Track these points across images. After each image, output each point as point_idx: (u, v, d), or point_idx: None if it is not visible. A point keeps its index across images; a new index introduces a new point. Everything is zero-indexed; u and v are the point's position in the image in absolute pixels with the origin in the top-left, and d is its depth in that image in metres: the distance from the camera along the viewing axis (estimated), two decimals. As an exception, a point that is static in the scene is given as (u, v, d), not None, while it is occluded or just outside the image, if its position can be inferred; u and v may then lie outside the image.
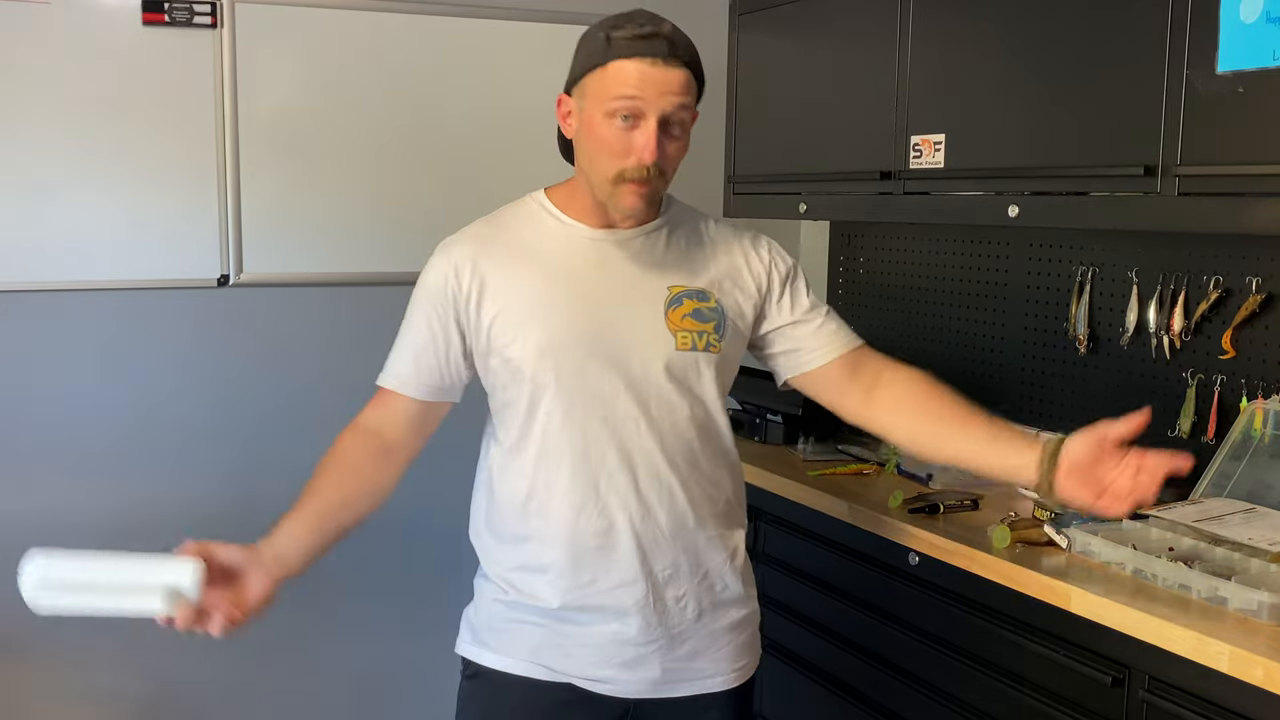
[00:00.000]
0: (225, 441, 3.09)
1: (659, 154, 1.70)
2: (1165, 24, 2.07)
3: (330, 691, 3.25)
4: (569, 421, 1.76)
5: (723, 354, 1.82)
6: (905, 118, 2.65)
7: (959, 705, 2.26)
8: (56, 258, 2.88)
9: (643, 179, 1.71)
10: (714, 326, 1.81)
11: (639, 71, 1.69)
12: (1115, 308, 2.59)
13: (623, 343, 1.77)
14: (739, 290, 1.85)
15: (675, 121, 1.71)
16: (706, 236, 1.89)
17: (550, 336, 1.76)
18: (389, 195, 3.13)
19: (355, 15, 3.08)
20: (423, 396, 1.84)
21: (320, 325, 3.13)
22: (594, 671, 1.81)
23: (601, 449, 1.76)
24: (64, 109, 2.85)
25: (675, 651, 1.82)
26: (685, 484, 1.79)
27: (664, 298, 1.80)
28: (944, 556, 2.26)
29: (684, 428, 1.79)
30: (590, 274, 1.79)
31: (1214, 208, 2.03)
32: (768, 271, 1.88)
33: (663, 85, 1.69)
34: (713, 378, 1.81)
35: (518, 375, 1.77)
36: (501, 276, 1.80)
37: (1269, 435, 2.22)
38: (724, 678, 1.87)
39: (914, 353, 3.16)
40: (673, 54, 1.69)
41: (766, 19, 3.09)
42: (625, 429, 1.76)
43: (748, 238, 1.91)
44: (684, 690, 1.85)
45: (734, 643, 1.88)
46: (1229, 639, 1.75)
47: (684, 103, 1.71)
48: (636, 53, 1.69)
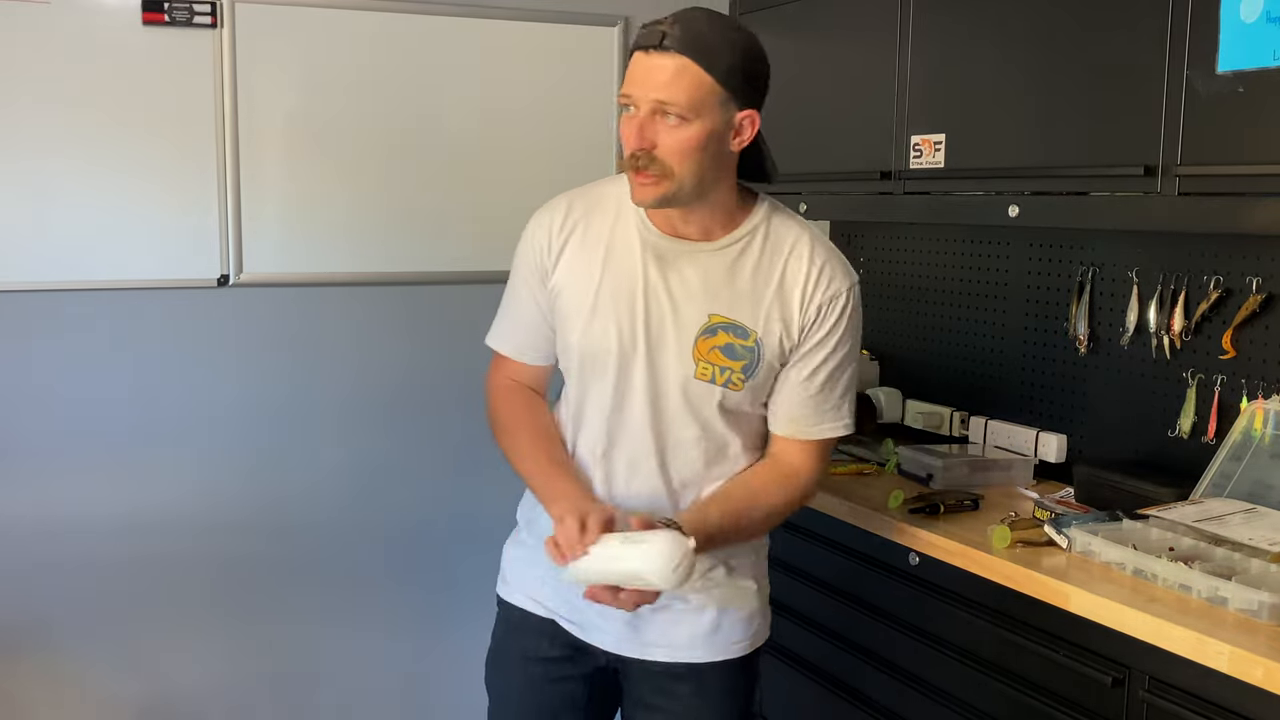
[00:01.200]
0: (225, 441, 3.08)
1: (644, 140, 1.70)
2: (1165, 24, 2.07)
3: (330, 691, 3.25)
4: (590, 413, 1.86)
5: (745, 392, 1.84)
6: (905, 118, 2.65)
7: (959, 705, 2.26)
8: (56, 258, 2.88)
9: (636, 167, 1.73)
10: (743, 366, 1.82)
11: (635, 63, 1.73)
12: (1115, 308, 2.59)
13: (649, 360, 1.82)
14: (783, 326, 1.83)
15: (670, 110, 1.69)
16: (782, 261, 1.83)
17: (588, 335, 1.83)
18: (389, 195, 3.13)
19: (355, 15, 3.08)
20: (537, 363, 1.95)
21: (320, 325, 3.13)
22: (575, 615, 1.90)
23: (612, 446, 1.85)
24: (64, 109, 2.85)
25: (653, 615, 1.86)
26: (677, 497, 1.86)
27: (700, 325, 1.81)
28: (944, 556, 2.26)
29: (690, 448, 1.84)
30: (644, 282, 1.82)
31: (1214, 208, 2.03)
32: (817, 312, 1.83)
33: (648, 74, 1.70)
34: (725, 411, 1.84)
35: (564, 354, 1.89)
36: (572, 255, 1.86)
37: (1269, 435, 2.22)
38: (701, 650, 1.90)
39: (914, 353, 3.17)
40: (662, 43, 1.69)
41: (766, 19, 3.09)
42: (634, 437, 1.84)
43: (829, 269, 1.84)
44: (656, 655, 1.90)
45: (717, 620, 1.90)
46: (1229, 639, 1.75)
47: (674, 93, 1.68)
48: (637, 45, 1.73)
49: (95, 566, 2.98)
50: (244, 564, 3.13)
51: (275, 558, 3.15)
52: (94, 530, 2.99)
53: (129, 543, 3.03)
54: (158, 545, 3.06)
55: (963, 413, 2.95)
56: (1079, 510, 2.33)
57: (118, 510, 3.00)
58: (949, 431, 2.96)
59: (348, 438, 3.18)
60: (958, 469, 2.63)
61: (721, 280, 1.81)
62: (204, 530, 3.09)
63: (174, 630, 3.09)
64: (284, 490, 3.16)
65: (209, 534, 3.10)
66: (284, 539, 3.16)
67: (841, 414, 1.90)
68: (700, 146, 1.72)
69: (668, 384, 1.82)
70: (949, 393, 3.03)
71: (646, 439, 1.84)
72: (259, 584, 3.15)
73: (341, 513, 3.18)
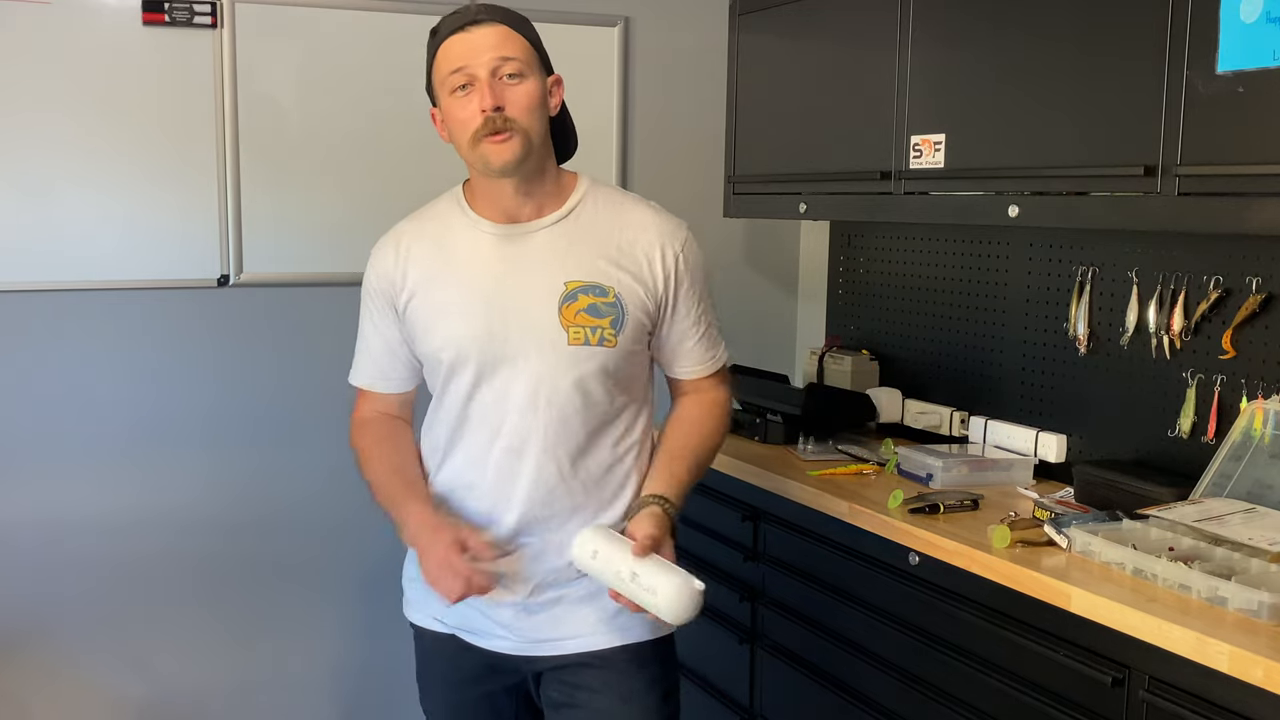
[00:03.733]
0: (225, 441, 3.09)
1: (497, 98, 1.78)
2: (1165, 24, 2.07)
3: (330, 691, 3.25)
4: (467, 413, 1.89)
5: (620, 348, 1.88)
6: (905, 118, 2.65)
7: (959, 705, 2.26)
8: (56, 258, 2.88)
9: (494, 129, 1.79)
10: (610, 321, 1.87)
11: (458, 42, 1.81)
12: (1115, 308, 2.60)
13: (519, 341, 1.85)
14: (640, 285, 1.90)
15: (508, 70, 1.80)
16: (617, 223, 1.92)
17: (450, 337, 1.87)
18: (389, 195, 3.12)
19: (355, 15, 3.08)
20: (395, 390, 2.02)
21: (320, 325, 3.13)
22: (468, 624, 1.95)
23: (493, 439, 1.88)
24: (64, 109, 2.85)
25: (538, 615, 1.91)
26: (564, 476, 1.88)
27: (559, 294, 1.86)
28: (944, 556, 2.26)
29: (574, 420, 1.88)
30: (492, 271, 1.88)
31: (1214, 208, 2.03)
32: (672, 272, 1.92)
33: (480, 44, 1.80)
34: (607, 372, 1.88)
35: (431, 368, 1.94)
36: (418, 273, 1.92)
37: (1269, 435, 2.22)
38: (605, 635, 1.92)
39: (914, 353, 3.17)
40: (486, 17, 1.81)
41: (766, 19, 3.09)
42: (516, 421, 1.87)
43: (659, 229, 1.94)
44: (561, 649, 1.92)
45: (606, 607, 1.91)
46: (1229, 639, 1.75)
47: (506, 51, 1.80)
48: (451, 30, 1.82)
49: (95, 566, 2.99)
50: (244, 563, 3.13)
51: (275, 557, 3.16)
52: (94, 530, 2.99)
53: (129, 542, 3.03)
54: (158, 544, 3.06)
55: (963, 413, 2.96)
56: (1079, 510, 2.33)
57: (118, 510, 3.00)
58: (949, 431, 2.97)
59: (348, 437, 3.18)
60: (958, 469, 2.63)
61: (567, 249, 1.88)
62: (204, 530, 3.10)
63: (174, 630, 3.10)
64: (284, 490, 3.16)
65: (209, 533, 3.10)
66: (284, 538, 3.16)
67: (720, 338, 2.05)
68: (540, 101, 1.84)
69: (545, 361, 1.85)
70: (949, 393, 3.03)
71: (530, 422, 1.86)
72: (259, 583, 3.15)
73: (342, 513, 3.18)
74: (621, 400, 1.92)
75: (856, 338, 3.34)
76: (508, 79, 1.80)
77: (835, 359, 3.23)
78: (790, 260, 3.68)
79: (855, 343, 3.32)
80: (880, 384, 3.17)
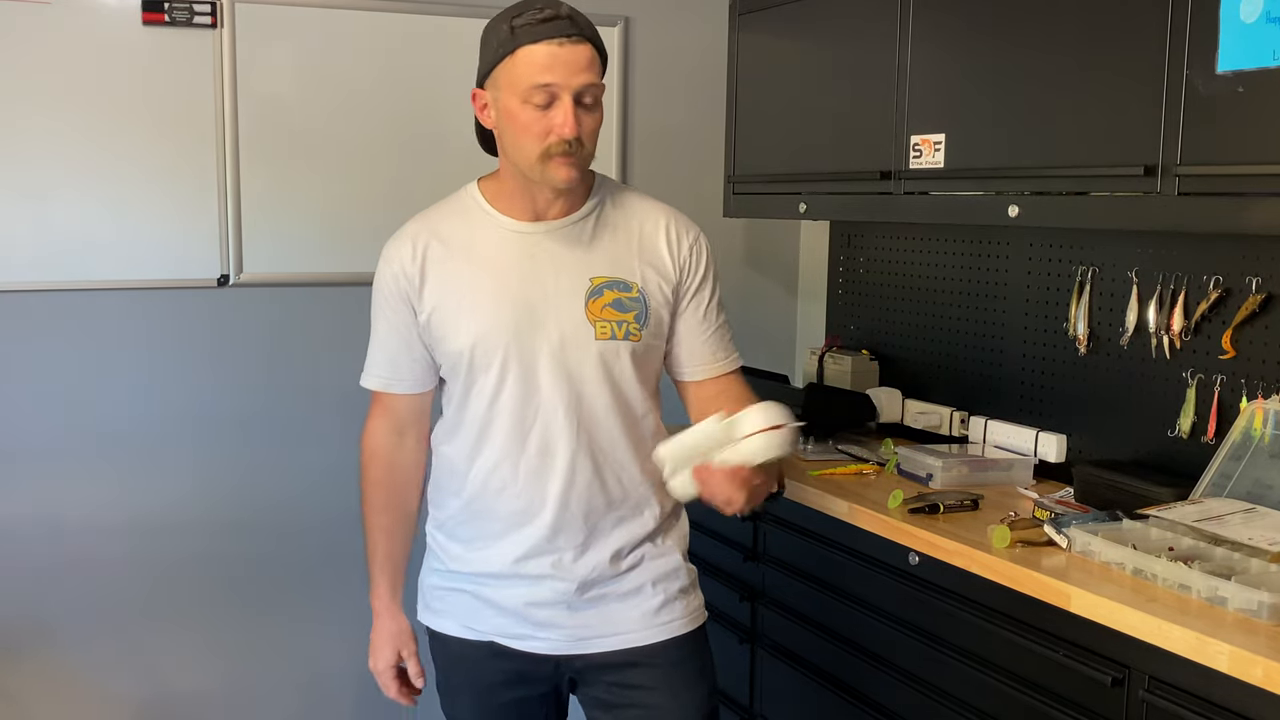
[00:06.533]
0: (225, 441, 3.09)
1: (580, 127, 1.78)
2: (1165, 24, 2.07)
3: (330, 691, 3.25)
4: (494, 413, 1.89)
5: (645, 342, 1.91)
6: (905, 118, 2.65)
7: (959, 705, 2.26)
8: (56, 258, 2.88)
9: (567, 152, 1.80)
10: (635, 315, 1.89)
11: (548, 54, 1.77)
12: (1115, 308, 2.59)
13: (547, 336, 1.86)
14: (660, 275, 1.92)
15: (590, 97, 1.80)
16: (636, 220, 1.94)
17: (478, 334, 1.87)
18: (389, 195, 3.13)
19: (355, 15, 3.08)
20: (410, 390, 1.99)
21: (320, 325, 3.13)
22: (512, 629, 1.95)
23: (524, 437, 1.88)
24: (64, 109, 2.85)
25: (584, 613, 1.92)
26: (599, 470, 1.89)
27: (585, 289, 1.88)
28: (944, 556, 2.26)
29: (603, 416, 1.89)
30: (517, 269, 1.88)
31: (1214, 208, 2.03)
32: (688, 259, 1.95)
33: (572, 64, 1.77)
34: (633, 366, 1.90)
35: (453, 368, 1.91)
36: (438, 270, 1.90)
37: (1269, 435, 2.22)
38: (652, 631, 1.94)
39: (914, 353, 3.17)
40: (576, 32, 1.78)
41: (766, 19, 3.09)
42: (547, 418, 1.87)
43: (674, 217, 1.97)
44: (606, 645, 1.93)
45: (648, 603, 1.94)
46: (1229, 639, 1.75)
47: (593, 77, 1.80)
48: (542, 36, 1.77)
49: (96, 566, 2.99)
50: (243, 563, 3.13)
51: (275, 556, 3.16)
52: (94, 530, 2.99)
53: (129, 542, 3.03)
54: (158, 544, 3.06)
55: (962, 413, 2.96)
56: (1079, 510, 2.33)
57: (118, 509, 3.00)
58: (949, 431, 2.97)
59: (348, 437, 3.14)
60: (957, 469, 2.63)
61: (590, 246, 1.90)
62: (204, 529, 3.10)
63: (175, 630, 3.10)
64: (284, 490, 3.16)
65: (209, 533, 3.10)
66: (284, 538, 3.16)
67: (734, 346, 2.05)
68: (601, 121, 1.86)
69: (572, 356, 1.87)
70: (949, 393, 3.03)
71: (561, 418, 1.87)
72: (259, 583, 3.15)
73: (342, 512, 3.15)
74: (644, 392, 1.94)
75: (856, 337, 3.34)
76: (587, 104, 1.80)
77: (835, 359, 3.23)
78: (790, 260, 3.68)
79: (855, 342, 3.32)
80: (880, 384, 3.17)
